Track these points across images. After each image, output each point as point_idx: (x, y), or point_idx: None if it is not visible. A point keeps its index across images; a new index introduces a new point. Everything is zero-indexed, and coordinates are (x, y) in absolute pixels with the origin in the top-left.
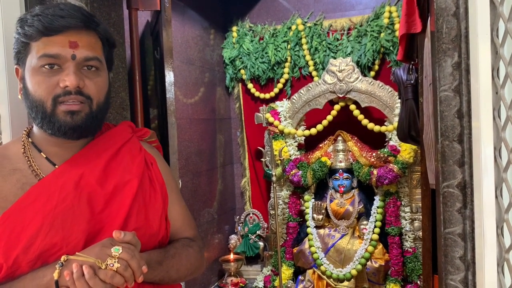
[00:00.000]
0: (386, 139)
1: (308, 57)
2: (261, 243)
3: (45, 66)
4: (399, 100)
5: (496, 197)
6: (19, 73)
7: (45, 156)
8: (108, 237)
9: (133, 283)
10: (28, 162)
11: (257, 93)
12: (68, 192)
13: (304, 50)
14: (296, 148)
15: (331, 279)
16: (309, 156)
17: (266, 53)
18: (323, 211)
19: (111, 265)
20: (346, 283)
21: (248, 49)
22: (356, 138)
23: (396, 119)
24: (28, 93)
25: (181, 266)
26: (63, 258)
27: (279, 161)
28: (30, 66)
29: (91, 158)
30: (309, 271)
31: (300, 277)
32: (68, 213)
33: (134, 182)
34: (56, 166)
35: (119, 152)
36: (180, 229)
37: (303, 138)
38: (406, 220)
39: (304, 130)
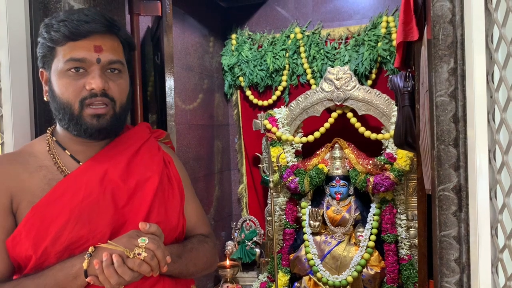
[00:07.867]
0: (383, 147)
1: (306, 65)
2: (257, 250)
3: (72, 70)
4: (396, 108)
5: (490, 198)
6: (44, 76)
7: (69, 153)
8: (132, 229)
9: (158, 272)
10: (54, 159)
11: (255, 100)
12: (93, 187)
13: (302, 58)
14: (294, 154)
15: (327, 286)
16: (306, 163)
17: (264, 60)
18: (319, 218)
19: (139, 254)
20: None
21: (247, 56)
22: (353, 145)
23: (393, 127)
24: (55, 96)
25: (198, 260)
26: (90, 249)
27: (276, 168)
28: (56, 69)
29: (114, 156)
30: (305, 278)
31: (296, 284)
32: (94, 207)
33: (154, 178)
34: (80, 163)
35: (140, 151)
36: (195, 225)
37: (301, 145)
38: (402, 227)
39: (302, 137)
